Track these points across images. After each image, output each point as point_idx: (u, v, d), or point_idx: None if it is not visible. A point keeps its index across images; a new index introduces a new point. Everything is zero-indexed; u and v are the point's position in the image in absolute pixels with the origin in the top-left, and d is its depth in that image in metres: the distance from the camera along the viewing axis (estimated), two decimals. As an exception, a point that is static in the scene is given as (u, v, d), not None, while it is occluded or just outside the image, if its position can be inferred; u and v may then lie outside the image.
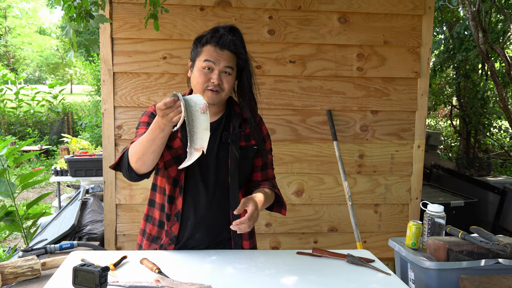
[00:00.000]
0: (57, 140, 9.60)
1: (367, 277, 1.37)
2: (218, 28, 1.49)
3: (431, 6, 2.85)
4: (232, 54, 1.47)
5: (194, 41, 1.51)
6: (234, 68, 1.48)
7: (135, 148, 1.35)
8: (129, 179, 1.42)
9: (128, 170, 1.39)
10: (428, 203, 1.73)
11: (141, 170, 1.38)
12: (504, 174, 5.89)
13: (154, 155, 1.33)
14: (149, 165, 1.36)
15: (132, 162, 1.36)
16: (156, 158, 1.36)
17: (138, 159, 1.34)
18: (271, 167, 1.67)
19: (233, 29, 1.50)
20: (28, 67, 23.29)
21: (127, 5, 2.66)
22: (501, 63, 6.22)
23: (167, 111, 1.21)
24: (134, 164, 1.36)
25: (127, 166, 1.39)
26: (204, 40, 1.48)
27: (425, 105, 2.92)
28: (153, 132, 1.29)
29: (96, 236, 2.71)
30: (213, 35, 1.47)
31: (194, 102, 1.23)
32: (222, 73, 1.45)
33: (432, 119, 9.85)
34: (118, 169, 1.45)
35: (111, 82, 2.70)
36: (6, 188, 2.86)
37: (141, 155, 1.33)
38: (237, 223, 1.33)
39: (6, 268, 1.48)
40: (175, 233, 1.52)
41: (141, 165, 1.35)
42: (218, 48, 1.45)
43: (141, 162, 1.35)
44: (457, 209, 3.54)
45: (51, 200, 5.97)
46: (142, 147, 1.32)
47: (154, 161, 1.36)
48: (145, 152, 1.32)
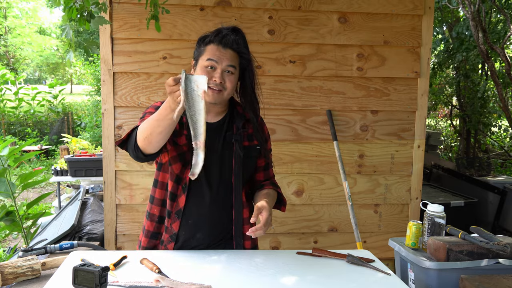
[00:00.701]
0: (57, 140, 9.60)
1: (367, 277, 1.37)
2: (221, 29, 1.50)
3: (431, 6, 2.85)
4: (235, 53, 1.48)
5: (198, 41, 1.53)
6: (236, 68, 1.48)
7: (143, 126, 1.34)
8: (135, 158, 1.42)
9: (135, 149, 1.39)
10: (428, 203, 1.73)
11: (148, 149, 1.37)
12: (504, 174, 5.89)
13: (161, 136, 1.32)
14: (155, 145, 1.35)
15: (140, 140, 1.36)
16: (163, 140, 1.34)
17: (145, 138, 1.33)
18: (271, 166, 1.69)
19: (236, 30, 1.51)
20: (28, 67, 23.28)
21: (127, 5, 2.66)
22: (501, 63, 6.21)
23: (174, 87, 1.20)
24: (141, 143, 1.35)
25: (134, 145, 1.38)
26: (208, 39, 1.49)
27: (425, 105, 2.92)
28: (162, 112, 1.28)
29: (96, 236, 2.71)
30: (216, 34, 1.48)
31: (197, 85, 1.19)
32: (225, 72, 1.45)
33: (432, 119, 9.85)
34: (124, 147, 1.44)
35: (111, 82, 2.70)
36: (6, 188, 2.86)
37: (148, 134, 1.32)
38: (253, 230, 1.36)
39: (6, 268, 1.48)
40: (175, 230, 1.52)
41: (148, 144, 1.34)
42: (221, 47, 1.46)
43: (147, 141, 1.33)
44: (457, 209, 3.54)
45: (51, 200, 5.97)
46: (150, 126, 1.31)
47: (160, 142, 1.34)
48: (153, 132, 1.31)
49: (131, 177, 2.76)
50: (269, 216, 1.39)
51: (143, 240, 1.59)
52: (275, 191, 1.63)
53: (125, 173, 2.76)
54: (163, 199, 1.54)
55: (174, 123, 1.29)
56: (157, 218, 1.56)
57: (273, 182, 1.67)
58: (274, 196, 1.59)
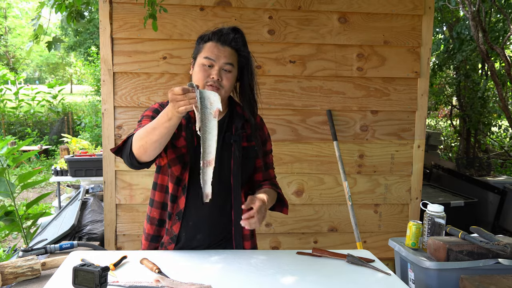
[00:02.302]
0: (57, 140, 9.60)
1: (367, 277, 1.37)
2: (221, 28, 1.51)
3: (431, 6, 2.85)
4: (233, 51, 1.48)
5: (197, 39, 1.53)
6: (234, 66, 1.48)
7: (139, 134, 1.33)
8: (129, 165, 1.39)
9: (129, 156, 1.36)
10: (428, 203, 1.73)
11: (142, 158, 1.35)
12: (504, 174, 5.89)
13: (156, 144, 1.30)
14: (150, 154, 1.33)
15: (135, 148, 1.34)
16: (158, 149, 1.32)
17: (140, 146, 1.32)
18: (272, 167, 1.68)
19: (236, 29, 1.51)
20: (28, 67, 23.28)
21: (127, 5, 2.66)
22: (501, 63, 6.21)
23: (179, 97, 1.18)
24: (136, 151, 1.33)
25: (129, 152, 1.36)
26: (206, 37, 1.49)
27: (425, 105, 2.92)
28: (160, 119, 1.26)
29: (96, 236, 2.71)
30: (215, 32, 1.49)
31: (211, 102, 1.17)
32: (222, 70, 1.45)
33: (432, 119, 9.85)
34: (119, 154, 1.42)
35: (111, 82, 2.70)
36: (6, 188, 2.86)
37: (144, 142, 1.30)
38: (246, 217, 1.34)
39: (6, 268, 1.48)
40: (175, 232, 1.52)
41: (143, 152, 1.32)
42: (220, 44, 1.46)
43: (143, 149, 1.32)
44: (457, 209, 3.54)
45: (51, 200, 5.97)
46: (146, 134, 1.30)
47: (155, 151, 1.32)
48: (148, 140, 1.29)
49: (131, 177, 2.76)
50: (262, 205, 1.36)
51: (144, 243, 1.59)
52: (274, 191, 1.61)
53: (125, 173, 2.75)
54: (162, 201, 1.54)
55: (170, 132, 1.28)
56: (157, 221, 1.55)
57: (273, 182, 1.65)
58: (273, 195, 1.57)
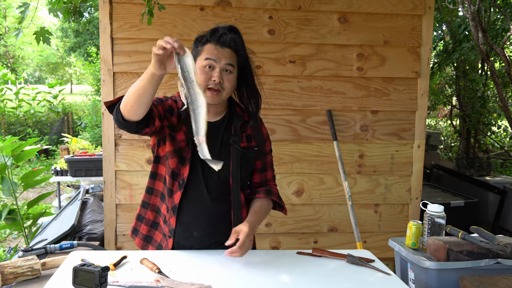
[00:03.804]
0: (57, 140, 9.60)
1: (367, 277, 1.37)
2: (218, 28, 1.50)
3: (431, 6, 2.85)
4: (233, 52, 1.48)
5: (195, 41, 1.52)
6: (235, 66, 1.48)
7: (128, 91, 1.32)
8: (115, 121, 1.37)
9: (116, 112, 1.35)
10: (428, 203, 1.73)
11: (126, 114, 1.32)
12: (504, 174, 5.90)
13: (138, 99, 1.27)
14: (132, 110, 1.30)
15: (122, 103, 1.33)
16: (139, 107, 1.29)
17: (124, 101, 1.31)
18: (271, 168, 1.67)
19: (233, 28, 1.51)
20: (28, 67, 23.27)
21: (127, 5, 2.66)
22: (501, 63, 6.21)
23: (160, 51, 1.20)
24: (122, 106, 1.32)
25: (117, 107, 1.35)
26: (205, 39, 1.48)
27: (425, 105, 2.92)
28: (144, 74, 1.27)
29: (96, 236, 2.71)
30: (213, 34, 1.48)
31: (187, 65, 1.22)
32: (223, 72, 1.45)
33: (432, 119, 9.85)
34: (111, 111, 1.39)
35: (111, 82, 2.70)
36: (9, 187, 2.86)
37: (128, 97, 1.29)
38: (229, 252, 1.38)
39: (6, 268, 1.48)
40: (172, 226, 1.52)
41: (124, 107, 1.31)
42: (219, 46, 1.46)
43: (127, 104, 1.30)
44: (457, 209, 3.54)
45: (51, 200, 5.97)
46: (131, 88, 1.29)
47: (136, 108, 1.29)
48: (131, 94, 1.28)
49: (131, 177, 2.76)
50: (246, 238, 1.39)
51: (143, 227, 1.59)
52: (268, 200, 1.60)
53: (125, 173, 2.76)
54: (163, 192, 1.55)
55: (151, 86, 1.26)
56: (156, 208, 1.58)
57: (268, 188, 1.62)
58: (264, 209, 1.58)
